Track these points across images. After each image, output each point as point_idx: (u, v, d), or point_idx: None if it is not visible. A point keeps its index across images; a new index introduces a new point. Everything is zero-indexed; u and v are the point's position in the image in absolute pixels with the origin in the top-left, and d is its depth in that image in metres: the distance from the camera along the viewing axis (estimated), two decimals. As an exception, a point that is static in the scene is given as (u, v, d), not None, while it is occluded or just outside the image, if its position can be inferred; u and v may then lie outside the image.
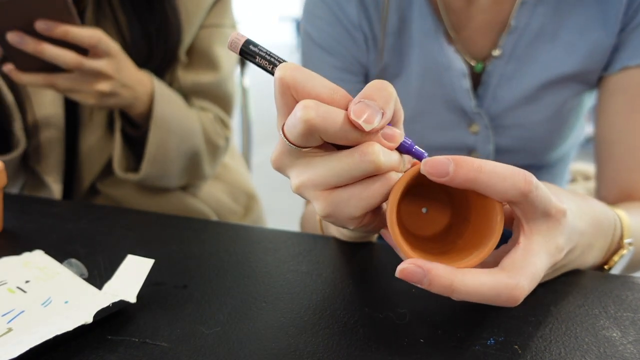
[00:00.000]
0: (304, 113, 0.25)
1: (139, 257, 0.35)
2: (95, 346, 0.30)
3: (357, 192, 0.28)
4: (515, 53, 0.56)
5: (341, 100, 0.27)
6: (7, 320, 0.31)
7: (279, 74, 0.26)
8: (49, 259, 0.38)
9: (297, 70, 0.26)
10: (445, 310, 0.33)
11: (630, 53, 0.53)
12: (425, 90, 0.60)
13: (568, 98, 0.58)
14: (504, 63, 0.57)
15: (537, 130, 0.59)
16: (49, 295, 0.33)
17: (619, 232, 0.39)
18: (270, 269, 0.38)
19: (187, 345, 0.30)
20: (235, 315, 0.33)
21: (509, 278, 0.26)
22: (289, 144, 0.28)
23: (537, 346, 0.30)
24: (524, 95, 0.57)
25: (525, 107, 0.58)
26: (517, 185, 0.26)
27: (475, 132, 0.60)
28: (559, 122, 0.59)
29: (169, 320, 0.32)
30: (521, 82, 0.57)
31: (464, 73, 0.57)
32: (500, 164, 0.27)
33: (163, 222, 0.48)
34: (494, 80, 0.57)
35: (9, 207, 0.49)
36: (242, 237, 0.44)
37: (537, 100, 0.57)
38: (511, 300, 0.26)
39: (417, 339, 0.30)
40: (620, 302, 0.34)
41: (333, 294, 0.35)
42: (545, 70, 0.56)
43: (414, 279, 0.26)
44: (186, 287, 0.36)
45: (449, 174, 0.26)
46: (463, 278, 0.26)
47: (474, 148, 0.62)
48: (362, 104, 0.26)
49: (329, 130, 0.26)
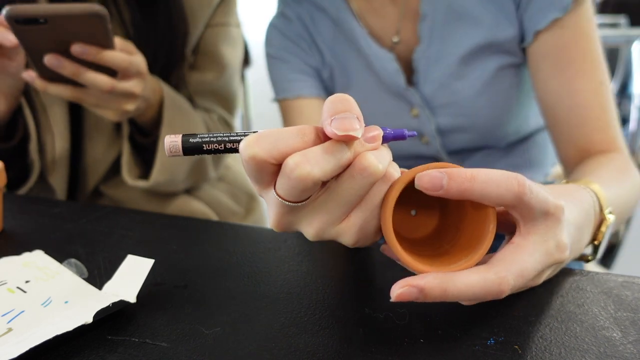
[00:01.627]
0: (300, 171, 0.25)
1: (139, 257, 0.35)
2: (95, 346, 0.30)
3: (371, 205, 0.28)
4: (433, 36, 0.61)
5: (312, 136, 0.26)
6: (7, 320, 0.31)
7: (248, 152, 0.25)
8: (49, 259, 0.38)
9: (262, 139, 0.25)
10: (445, 310, 0.33)
11: (535, 20, 0.55)
12: (365, 84, 0.66)
13: (493, 70, 0.60)
14: (426, 47, 0.61)
15: (471, 106, 0.62)
16: (49, 295, 0.33)
17: (598, 206, 0.40)
18: (270, 269, 0.38)
19: (187, 345, 0.30)
20: (235, 315, 0.33)
21: (495, 275, 0.27)
22: (289, 204, 0.27)
23: (537, 346, 0.30)
24: (449, 72, 0.61)
25: (454, 83, 0.62)
26: (511, 189, 0.27)
27: (416, 115, 0.65)
28: (493, 96, 0.62)
29: (169, 320, 0.32)
30: (445, 60, 0.61)
31: (390, 58, 0.63)
32: (492, 171, 0.27)
33: (163, 222, 0.48)
34: (422, 64, 0.62)
35: (9, 207, 0.49)
36: (242, 237, 0.44)
37: (463, 76, 0.61)
38: (498, 294, 0.28)
39: (417, 339, 0.30)
40: (620, 302, 0.34)
41: (333, 294, 0.35)
42: (461, 45, 0.60)
43: (411, 298, 0.28)
44: (186, 287, 0.36)
45: (443, 187, 0.27)
46: (455, 283, 0.27)
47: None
48: (337, 120, 0.25)
49: (327, 171, 0.25)
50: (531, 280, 0.31)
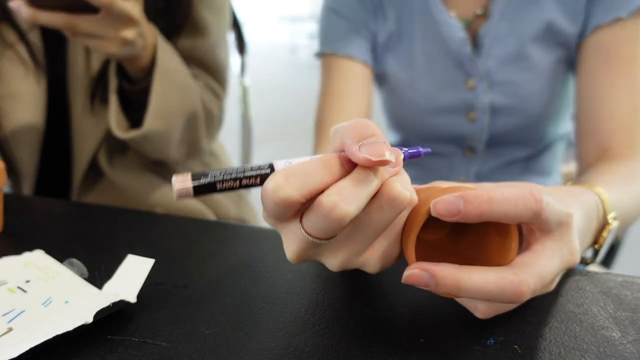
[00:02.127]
0: (340, 212, 0.24)
1: (139, 257, 0.35)
2: (95, 346, 0.30)
3: (394, 232, 0.28)
4: (505, 14, 0.63)
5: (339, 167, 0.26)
6: (8, 320, 0.31)
7: (279, 195, 0.24)
8: (49, 259, 0.38)
9: (292, 179, 0.24)
10: (445, 310, 0.33)
11: (600, 15, 0.58)
12: (427, 51, 0.67)
13: (554, 63, 0.64)
14: (495, 24, 0.63)
15: (526, 88, 0.65)
16: (49, 295, 0.33)
17: (602, 210, 0.40)
18: (270, 269, 0.38)
19: (187, 345, 0.30)
20: (235, 315, 0.33)
21: (514, 275, 0.27)
22: (316, 240, 0.26)
23: (537, 346, 0.30)
24: (514, 51, 0.63)
25: (515, 64, 0.64)
26: (529, 206, 0.26)
27: (472, 87, 0.66)
28: (548, 85, 0.65)
29: (169, 320, 0.32)
30: (512, 39, 0.63)
31: (460, 26, 0.65)
32: (507, 190, 0.27)
33: (163, 222, 0.48)
34: (488, 40, 0.64)
35: (9, 207, 0.49)
36: (242, 237, 0.44)
37: (526, 57, 0.63)
38: (517, 296, 0.26)
39: (417, 339, 0.30)
40: (619, 301, 0.34)
41: (333, 294, 0.35)
42: (531, 25, 0.62)
43: (421, 283, 0.27)
44: (186, 287, 0.36)
45: (460, 211, 0.26)
46: (470, 276, 0.26)
47: (472, 104, 0.68)
48: (367, 146, 0.25)
49: (361, 206, 0.25)
50: (548, 284, 0.31)
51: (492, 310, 0.30)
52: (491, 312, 0.30)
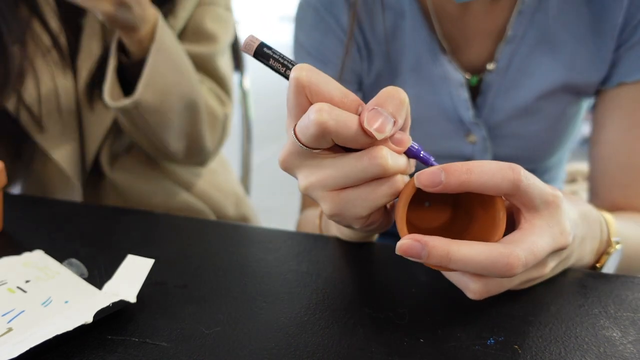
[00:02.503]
0: (317, 116, 0.26)
1: (139, 257, 0.35)
2: (95, 346, 0.30)
3: (364, 193, 0.29)
4: (513, 64, 0.55)
5: (352, 104, 0.28)
6: (7, 320, 0.31)
7: (295, 74, 0.27)
8: (49, 259, 0.38)
9: (313, 72, 0.27)
10: (445, 310, 0.33)
11: (626, 70, 0.52)
12: (422, 99, 0.59)
13: (566, 108, 0.57)
14: (501, 74, 0.55)
15: (535, 139, 0.59)
16: (49, 295, 0.33)
17: (606, 231, 0.40)
18: (270, 269, 0.38)
19: (187, 345, 0.30)
20: (235, 315, 0.33)
21: (504, 247, 0.27)
22: (299, 144, 0.28)
23: (537, 346, 0.30)
24: (522, 106, 0.56)
25: (524, 117, 0.57)
26: (507, 176, 0.28)
27: (473, 142, 0.59)
28: (558, 131, 0.59)
29: (169, 320, 0.32)
30: (519, 93, 0.56)
31: (461, 83, 0.56)
32: (487, 162, 0.28)
33: (163, 221, 0.48)
34: (492, 91, 0.56)
35: (9, 207, 0.49)
36: (242, 237, 0.44)
37: (536, 111, 0.57)
38: (507, 268, 0.27)
39: (417, 339, 0.30)
40: (620, 302, 0.34)
41: (333, 294, 0.35)
42: (543, 81, 0.55)
43: (413, 253, 0.27)
44: (186, 287, 0.36)
45: (441, 181, 0.27)
46: (459, 248, 0.27)
47: (472, 157, 0.61)
48: (374, 112, 0.27)
49: (341, 134, 0.27)
50: (540, 264, 0.31)
51: (484, 289, 0.30)
52: (483, 292, 0.30)
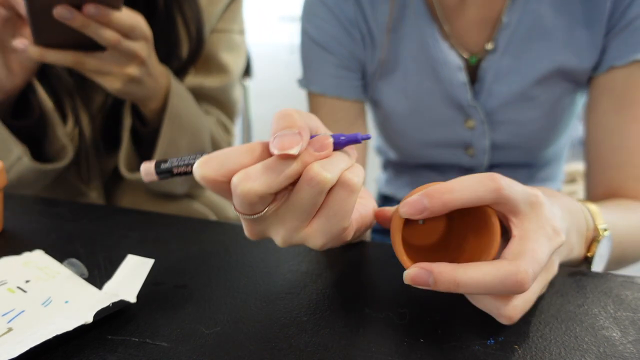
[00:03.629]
0: (242, 188, 0.26)
1: (139, 257, 0.35)
2: (95, 346, 0.30)
3: (331, 210, 0.28)
4: (509, 49, 0.57)
5: (263, 151, 0.27)
6: (8, 320, 0.31)
7: (199, 173, 0.27)
8: (49, 258, 0.38)
9: (210, 161, 0.27)
10: (445, 310, 0.33)
11: (616, 53, 0.54)
12: (423, 86, 0.61)
13: (561, 96, 0.59)
14: (498, 58, 0.58)
15: (531, 126, 0.61)
16: (49, 295, 0.33)
17: (592, 221, 0.40)
18: (270, 269, 0.38)
19: (187, 345, 0.30)
20: (235, 315, 0.33)
21: (509, 264, 0.27)
22: (246, 217, 0.28)
23: (537, 346, 0.30)
24: (518, 91, 0.59)
25: (520, 103, 0.59)
26: (488, 187, 0.28)
27: (472, 127, 0.62)
28: (553, 120, 0.61)
29: (169, 320, 0.32)
30: (515, 78, 0.58)
31: (460, 67, 0.59)
32: (466, 178, 0.28)
33: (163, 222, 0.48)
34: (490, 75, 0.59)
35: (9, 207, 0.49)
36: (242, 237, 0.44)
37: (532, 97, 0.59)
38: (518, 285, 0.26)
39: (417, 339, 0.30)
40: (620, 302, 0.34)
41: (333, 294, 0.35)
42: (537, 66, 0.57)
43: (420, 281, 0.28)
44: (186, 287, 0.36)
45: (426, 207, 0.27)
46: (465, 271, 0.27)
47: (470, 143, 0.63)
48: (277, 138, 0.26)
49: (272, 186, 0.26)
50: (546, 268, 0.31)
51: (514, 312, 0.29)
52: (514, 315, 0.29)
